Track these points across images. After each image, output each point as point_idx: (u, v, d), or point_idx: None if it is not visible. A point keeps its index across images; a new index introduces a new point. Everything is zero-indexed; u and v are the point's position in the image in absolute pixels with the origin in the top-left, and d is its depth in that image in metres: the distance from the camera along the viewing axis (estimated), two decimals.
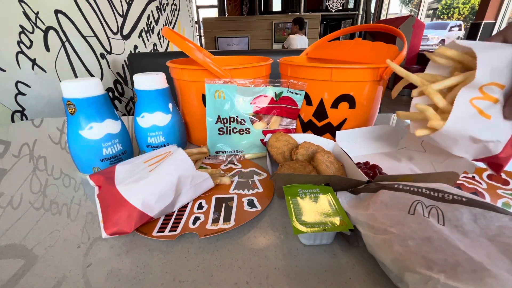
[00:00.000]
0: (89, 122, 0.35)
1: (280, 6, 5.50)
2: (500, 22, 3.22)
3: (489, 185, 0.35)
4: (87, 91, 0.34)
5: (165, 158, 0.32)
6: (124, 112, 1.28)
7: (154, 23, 1.57)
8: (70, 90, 0.33)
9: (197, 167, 0.38)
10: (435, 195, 0.24)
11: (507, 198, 0.32)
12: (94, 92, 0.34)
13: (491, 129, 0.26)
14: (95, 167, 0.37)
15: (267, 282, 0.22)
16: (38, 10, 0.79)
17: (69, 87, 0.33)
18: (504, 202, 0.31)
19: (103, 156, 0.36)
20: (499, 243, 0.19)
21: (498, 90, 0.26)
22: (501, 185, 0.35)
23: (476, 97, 0.26)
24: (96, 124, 0.35)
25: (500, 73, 0.25)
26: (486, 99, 0.26)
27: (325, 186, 0.29)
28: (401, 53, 0.39)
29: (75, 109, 0.34)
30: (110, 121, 0.37)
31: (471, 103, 0.26)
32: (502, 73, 0.25)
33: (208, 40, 4.24)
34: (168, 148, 0.36)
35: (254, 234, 0.27)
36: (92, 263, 0.24)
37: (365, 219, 0.24)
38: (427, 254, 0.19)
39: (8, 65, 0.70)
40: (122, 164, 0.32)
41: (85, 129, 0.35)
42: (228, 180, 0.35)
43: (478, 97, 0.26)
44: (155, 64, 1.02)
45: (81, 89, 0.33)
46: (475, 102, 0.26)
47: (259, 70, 0.43)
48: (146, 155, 0.35)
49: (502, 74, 0.25)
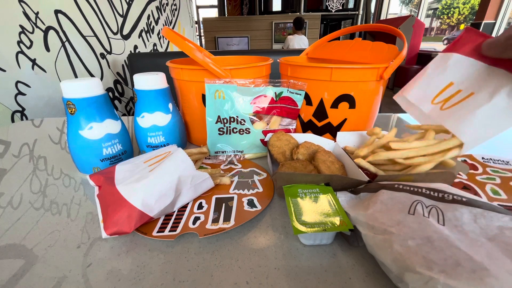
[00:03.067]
0: (89, 122, 0.35)
1: (280, 6, 5.50)
2: (500, 22, 3.22)
3: (468, 175, 0.36)
4: (87, 91, 0.34)
5: (165, 158, 0.32)
6: (124, 112, 1.28)
7: (154, 23, 1.57)
8: (70, 90, 0.33)
9: (197, 167, 0.38)
10: (435, 195, 0.24)
11: (490, 184, 0.33)
12: (94, 92, 0.34)
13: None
14: (95, 167, 0.37)
15: (267, 282, 0.22)
16: (38, 10, 0.79)
17: (69, 87, 0.33)
18: (492, 189, 0.32)
19: (103, 156, 0.36)
20: (499, 243, 0.19)
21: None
22: (473, 171, 0.37)
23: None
24: (96, 124, 0.35)
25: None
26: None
27: (325, 186, 0.29)
28: (401, 53, 0.39)
29: (75, 109, 0.34)
30: (110, 121, 0.37)
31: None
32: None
33: (208, 40, 4.24)
34: (168, 148, 0.36)
35: (254, 234, 0.27)
36: (92, 263, 0.24)
37: (365, 219, 0.24)
38: (427, 254, 0.19)
39: (8, 65, 0.70)
40: (122, 164, 0.32)
41: (85, 129, 0.35)
42: (228, 180, 0.35)
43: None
44: (155, 64, 1.02)
45: (81, 89, 0.33)
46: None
47: (259, 70, 0.43)
48: (146, 155, 0.34)
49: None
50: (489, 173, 0.36)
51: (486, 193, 0.31)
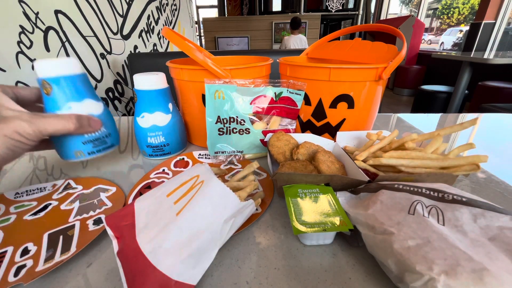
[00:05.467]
0: (67, 102, 0.32)
1: (280, 6, 5.51)
2: (500, 22, 3.22)
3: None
4: (64, 70, 0.32)
5: (194, 193, 0.25)
6: (124, 112, 1.28)
7: (154, 23, 1.57)
8: (46, 68, 0.31)
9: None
10: (435, 195, 0.24)
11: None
12: (71, 71, 0.33)
13: None
14: (77, 150, 0.34)
15: (267, 282, 0.22)
16: (38, 10, 0.79)
17: (44, 65, 0.31)
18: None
19: (85, 138, 0.34)
20: (499, 243, 0.19)
21: None
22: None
23: None
24: (75, 104, 0.33)
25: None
26: None
27: (325, 186, 0.29)
28: (400, 53, 0.40)
29: (51, 88, 0.32)
30: (90, 101, 0.34)
31: None
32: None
33: (208, 40, 4.24)
34: (194, 170, 0.29)
35: (254, 234, 0.27)
36: (92, 263, 0.24)
37: (365, 219, 0.24)
38: (427, 254, 0.19)
39: (8, 65, 0.70)
40: (142, 201, 0.26)
41: (63, 110, 0.32)
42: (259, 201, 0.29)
43: None
44: (155, 64, 1.02)
45: (58, 67, 0.32)
46: None
47: (259, 70, 0.43)
48: (168, 184, 0.28)
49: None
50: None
51: None
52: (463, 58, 2.18)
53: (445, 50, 6.64)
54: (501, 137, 0.54)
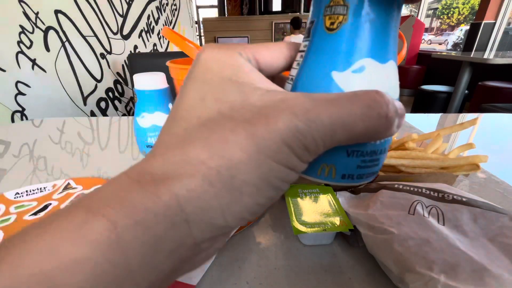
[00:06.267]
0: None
1: (280, 6, 5.51)
2: (500, 22, 3.22)
3: None
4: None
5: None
6: (124, 112, 1.28)
7: (154, 23, 1.57)
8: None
9: None
10: (435, 195, 0.24)
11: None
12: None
13: None
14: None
15: (267, 282, 0.22)
16: (38, 10, 0.79)
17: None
18: None
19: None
20: (499, 243, 0.19)
21: None
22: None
23: None
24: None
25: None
26: None
27: (325, 186, 0.29)
28: (400, 53, 0.39)
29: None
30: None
31: None
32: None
33: (208, 40, 4.24)
34: None
35: (254, 234, 0.27)
36: None
37: (365, 219, 0.24)
38: (427, 254, 0.19)
39: (8, 65, 0.70)
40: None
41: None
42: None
43: None
44: (155, 64, 1.02)
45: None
46: None
47: None
48: None
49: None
50: None
51: None
52: (463, 58, 2.18)
53: (448, 51, 6.62)
54: (501, 137, 0.54)
